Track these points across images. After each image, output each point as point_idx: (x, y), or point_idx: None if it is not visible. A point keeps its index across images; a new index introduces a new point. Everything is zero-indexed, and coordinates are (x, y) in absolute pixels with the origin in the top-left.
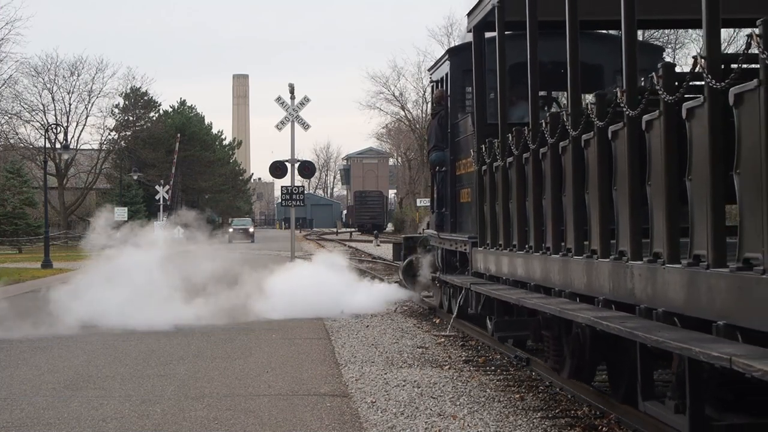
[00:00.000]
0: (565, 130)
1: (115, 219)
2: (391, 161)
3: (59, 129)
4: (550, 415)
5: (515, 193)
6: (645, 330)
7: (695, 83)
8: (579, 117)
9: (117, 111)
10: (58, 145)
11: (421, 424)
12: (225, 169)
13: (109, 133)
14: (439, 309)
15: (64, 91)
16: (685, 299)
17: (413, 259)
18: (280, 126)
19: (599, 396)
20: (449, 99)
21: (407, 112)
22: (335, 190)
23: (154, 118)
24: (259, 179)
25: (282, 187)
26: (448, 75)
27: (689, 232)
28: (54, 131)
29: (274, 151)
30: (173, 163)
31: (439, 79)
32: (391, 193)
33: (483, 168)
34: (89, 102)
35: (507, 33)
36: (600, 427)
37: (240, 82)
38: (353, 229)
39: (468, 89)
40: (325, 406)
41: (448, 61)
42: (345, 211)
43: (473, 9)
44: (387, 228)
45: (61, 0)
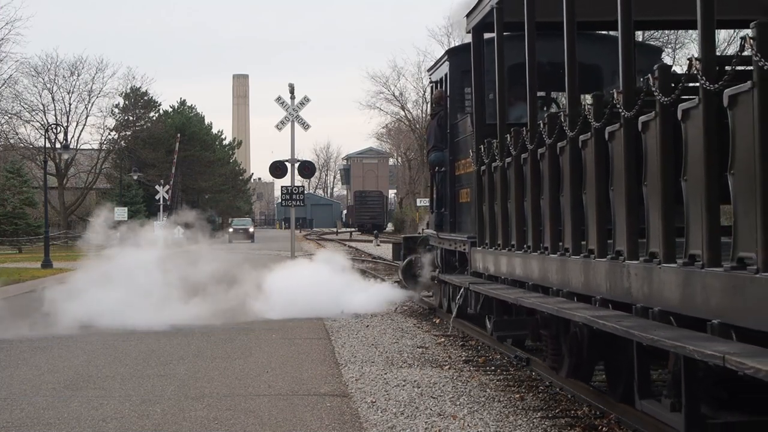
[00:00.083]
0: (563, 130)
1: (115, 219)
2: (391, 161)
3: (59, 129)
4: (550, 415)
5: (514, 194)
6: (641, 329)
7: (691, 85)
8: (576, 118)
9: (117, 111)
10: (58, 145)
11: (421, 424)
12: (225, 169)
13: (109, 133)
14: (439, 309)
15: (64, 91)
16: (681, 298)
17: (413, 259)
18: (280, 126)
19: (599, 396)
20: (448, 99)
21: (407, 112)
22: (335, 190)
23: (154, 118)
24: (259, 179)
25: (282, 187)
26: (447, 75)
27: (684, 232)
28: (54, 131)
29: (274, 151)
30: (173, 163)
31: (439, 80)
32: (391, 193)
33: (482, 168)
34: (89, 102)
35: (506, 34)
36: (600, 427)
37: (240, 82)
38: (353, 229)
39: (467, 90)
40: (325, 406)
41: (447, 62)
42: (345, 211)
43: (472, 10)
44: (387, 228)
45: (61, 0)
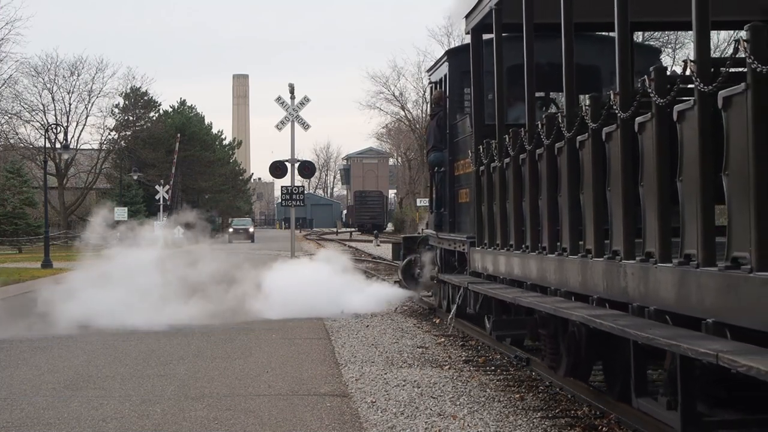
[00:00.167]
0: (561, 131)
1: (115, 219)
2: (391, 161)
3: (59, 129)
4: (550, 415)
5: (512, 194)
6: (636, 327)
7: (686, 86)
8: (574, 119)
9: (117, 111)
10: (58, 145)
11: (421, 424)
12: (225, 169)
13: (109, 133)
14: (439, 309)
15: (64, 91)
16: (676, 297)
17: (412, 259)
18: (280, 126)
19: (599, 396)
20: (448, 100)
21: (407, 112)
22: (335, 190)
23: (154, 118)
24: (259, 179)
25: (282, 187)
26: (446, 76)
27: (680, 231)
28: (54, 131)
29: (274, 151)
30: (173, 163)
31: (438, 80)
32: (391, 193)
33: (481, 169)
34: (89, 102)
35: (505, 35)
36: (600, 427)
37: (240, 82)
38: (353, 229)
39: (466, 90)
40: (325, 406)
41: (446, 63)
42: (345, 211)
43: (471, 11)
44: (387, 228)
45: (61, 0)
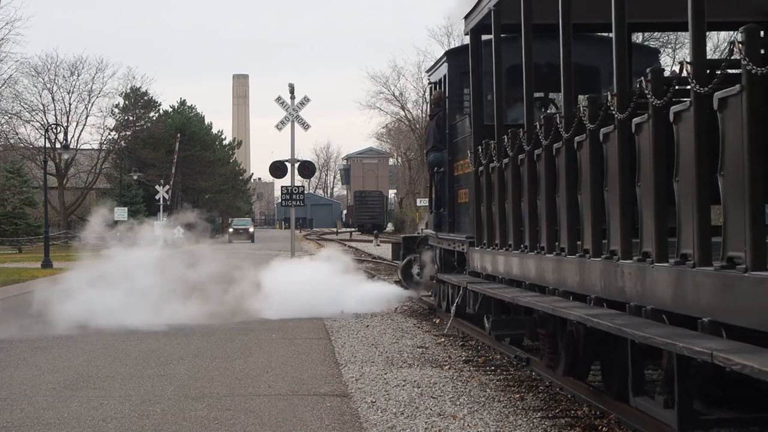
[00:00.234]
0: (559, 132)
1: (115, 218)
2: (391, 161)
3: (59, 129)
4: (550, 415)
5: (511, 194)
6: (633, 327)
7: (683, 87)
8: (572, 119)
9: (117, 111)
10: (58, 145)
11: (421, 424)
12: (225, 169)
13: (109, 133)
14: (438, 308)
15: (64, 91)
16: (673, 297)
17: (412, 259)
18: (280, 126)
19: (599, 396)
20: (447, 100)
21: (407, 112)
22: (335, 190)
23: (154, 118)
24: (259, 179)
25: (282, 187)
26: (446, 77)
27: (676, 231)
28: (54, 131)
29: (274, 151)
30: (173, 163)
31: (438, 81)
32: (391, 193)
33: (480, 169)
34: (89, 102)
35: (504, 36)
36: (600, 427)
37: (240, 82)
38: (353, 229)
39: (466, 91)
40: (325, 406)
41: (446, 63)
42: (345, 211)
43: (470, 12)
44: (387, 228)
45: (61, 0)
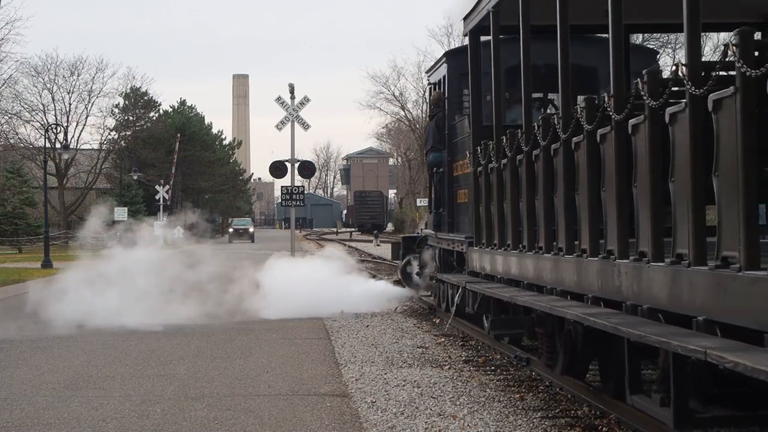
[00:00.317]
0: (556, 133)
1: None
2: (391, 161)
3: (59, 129)
4: (550, 415)
5: (509, 194)
6: (629, 325)
7: (678, 89)
8: (569, 120)
9: (117, 111)
10: (58, 145)
11: (421, 424)
12: (225, 169)
13: (109, 133)
14: (438, 308)
15: (64, 91)
16: (668, 296)
17: (412, 259)
18: (280, 126)
19: (599, 396)
20: (446, 101)
21: (407, 112)
22: (335, 190)
23: (154, 118)
24: (259, 179)
25: (282, 187)
26: (445, 77)
27: (672, 231)
28: (54, 131)
29: (274, 151)
30: (173, 163)
31: (437, 82)
32: (391, 193)
33: (478, 169)
34: (89, 102)
35: (503, 37)
36: (600, 427)
37: (240, 82)
38: (353, 229)
39: (465, 91)
40: (325, 406)
41: (445, 64)
42: (345, 211)
43: (469, 13)
44: (387, 228)
45: (61, 0)
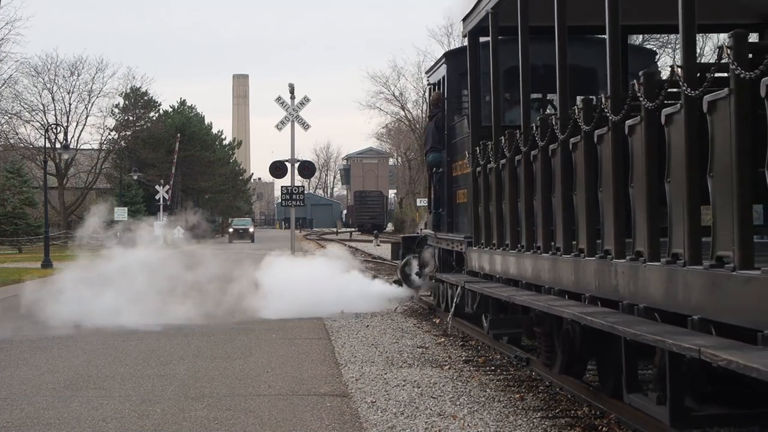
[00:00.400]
0: (554, 133)
1: (115, 218)
2: (391, 161)
3: (59, 129)
4: (550, 415)
5: (508, 194)
6: (625, 324)
7: (675, 90)
8: (567, 121)
9: (117, 111)
10: (58, 145)
11: (421, 424)
12: (225, 169)
13: (109, 133)
14: (438, 308)
15: (64, 91)
16: (664, 295)
17: (411, 259)
18: (280, 126)
19: (599, 396)
20: (446, 101)
21: (407, 112)
22: (335, 190)
23: (154, 118)
24: (259, 179)
25: (282, 187)
26: (444, 78)
27: (668, 231)
28: (54, 131)
29: (274, 151)
30: (173, 163)
31: (437, 82)
32: (391, 193)
33: (477, 170)
34: (89, 102)
35: (502, 38)
36: (600, 427)
37: (240, 82)
38: (353, 229)
39: (464, 92)
40: (325, 406)
41: (444, 65)
42: (345, 211)
43: (468, 14)
44: (387, 228)
45: (61, 0)
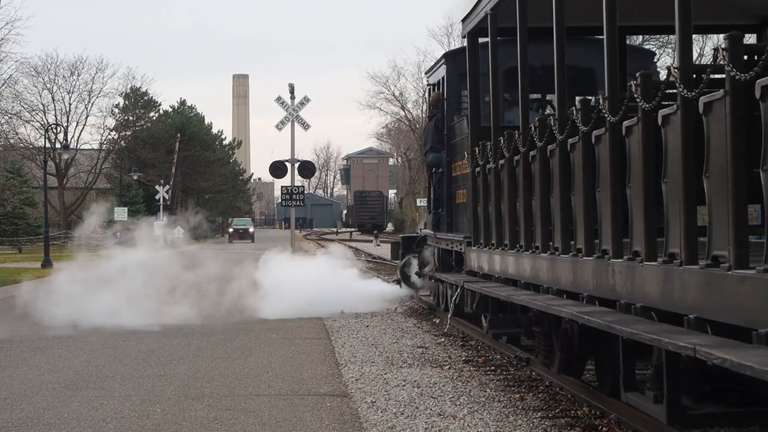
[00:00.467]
0: (553, 134)
1: (115, 218)
2: (391, 161)
3: (59, 129)
4: (550, 415)
5: (506, 195)
6: (622, 323)
7: (671, 91)
8: (565, 122)
9: (117, 111)
10: (58, 145)
11: (421, 424)
12: (225, 169)
13: (109, 133)
14: (437, 308)
15: (64, 91)
16: (661, 294)
17: (411, 259)
18: (280, 126)
19: (598, 396)
20: (445, 102)
21: (407, 112)
22: (335, 190)
23: (154, 118)
24: (259, 179)
25: (282, 187)
26: (444, 78)
27: (664, 231)
28: (54, 131)
29: (274, 151)
30: (173, 163)
31: (436, 82)
32: (391, 193)
33: (476, 170)
34: (89, 102)
35: (501, 38)
36: (600, 427)
37: (240, 82)
38: (353, 229)
39: (464, 93)
40: (325, 406)
41: (444, 65)
42: (345, 211)
43: (467, 15)
44: (387, 228)
45: (61, 0)
